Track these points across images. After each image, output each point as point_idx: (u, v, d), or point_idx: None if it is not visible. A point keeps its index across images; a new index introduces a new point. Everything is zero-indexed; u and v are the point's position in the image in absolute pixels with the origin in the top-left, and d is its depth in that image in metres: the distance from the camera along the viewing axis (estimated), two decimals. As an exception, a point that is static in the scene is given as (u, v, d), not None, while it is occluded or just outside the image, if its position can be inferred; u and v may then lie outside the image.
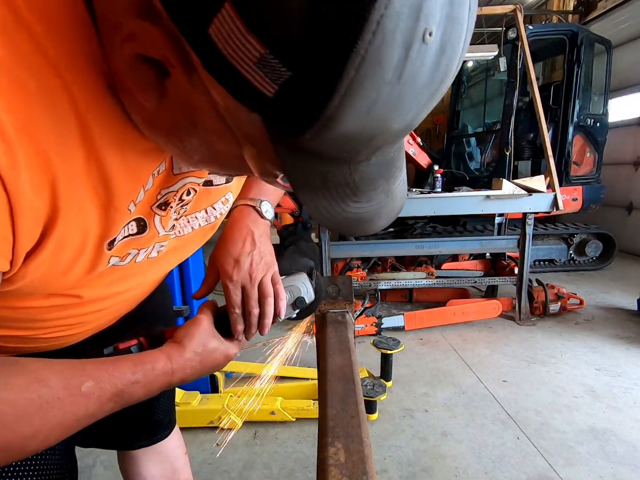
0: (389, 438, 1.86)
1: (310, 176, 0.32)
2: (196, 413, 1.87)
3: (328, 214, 0.34)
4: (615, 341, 2.80)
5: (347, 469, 0.40)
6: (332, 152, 0.30)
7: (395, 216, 0.40)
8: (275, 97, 0.26)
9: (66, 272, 0.42)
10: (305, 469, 1.66)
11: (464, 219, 4.48)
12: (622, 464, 1.68)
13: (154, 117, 0.34)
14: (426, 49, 0.24)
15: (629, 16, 5.27)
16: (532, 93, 3.19)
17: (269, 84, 0.25)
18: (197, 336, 0.53)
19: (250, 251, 0.61)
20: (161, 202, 0.47)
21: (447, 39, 0.25)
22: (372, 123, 0.27)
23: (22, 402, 0.36)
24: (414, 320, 3.01)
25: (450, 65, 0.27)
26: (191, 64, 0.28)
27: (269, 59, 0.24)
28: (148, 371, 0.47)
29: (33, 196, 0.32)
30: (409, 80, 0.25)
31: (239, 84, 0.26)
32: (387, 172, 0.35)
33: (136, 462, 0.90)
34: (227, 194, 0.61)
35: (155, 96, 0.31)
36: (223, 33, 0.24)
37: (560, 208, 2.84)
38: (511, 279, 3.18)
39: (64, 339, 0.61)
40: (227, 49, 0.24)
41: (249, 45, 0.24)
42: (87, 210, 0.38)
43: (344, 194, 0.33)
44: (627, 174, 5.48)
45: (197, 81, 0.29)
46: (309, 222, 4.09)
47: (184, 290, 2.12)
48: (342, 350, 0.66)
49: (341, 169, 0.32)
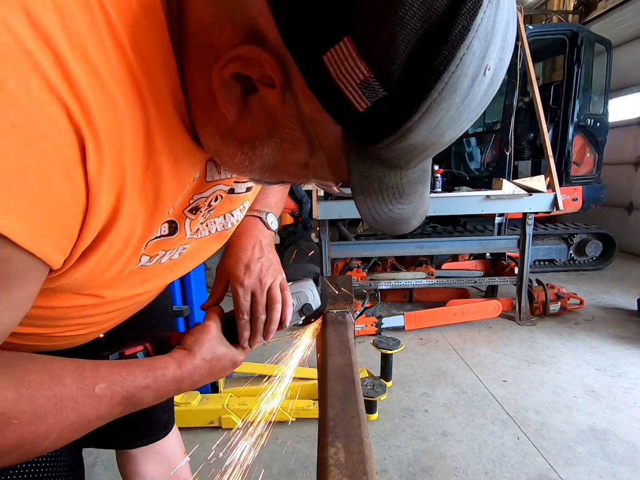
0: (389, 438, 1.86)
1: (369, 180, 0.37)
2: (196, 413, 1.87)
3: (377, 214, 0.39)
4: (615, 341, 2.80)
5: (347, 469, 0.40)
6: (394, 160, 0.36)
7: (424, 217, 0.45)
8: (365, 112, 0.31)
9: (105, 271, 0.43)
10: (305, 469, 1.66)
11: (464, 219, 4.48)
12: (622, 464, 1.68)
13: (232, 128, 0.38)
14: (484, 80, 0.31)
15: (629, 16, 5.28)
16: (532, 93, 3.19)
17: (364, 101, 0.30)
18: (206, 343, 0.54)
19: (260, 257, 0.64)
20: (193, 206, 0.49)
21: (496, 74, 0.32)
22: (434, 136, 0.33)
23: (40, 399, 0.36)
24: (414, 320, 3.01)
25: (494, 92, 0.34)
26: (289, 83, 0.32)
27: (371, 81, 0.29)
28: (159, 377, 0.48)
29: (105, 200, 0.34)
30: (468, 104, 0.32)
31: (337, 101, 0.31)
32: (424, 179, 0.42)
33: (135, 462, 0.91)
34: (245, 202, 0.63)
35: (238, 109, 0.36)
36: (336, 59, 0.29)
37: (560, 208, 2.84)
38: (511, 279, 3.18)
39: (77, 338, 0.61)
40: (336, 72, 0.29)
41: (358, 70, 0.29)
42: (137, 215, 0.39)
43: (393, 196, 0.39)
44: (627, 174, 5.48)
45: (289, 97, 0.33)
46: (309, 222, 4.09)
47: (184, 290, 2.13)
48: (342, 350, 0.66)
49: (394, 174, 0.37)
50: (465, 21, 0.28)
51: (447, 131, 0.34)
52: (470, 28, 0.28)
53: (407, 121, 0.31)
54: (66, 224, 0.33)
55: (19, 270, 0.32)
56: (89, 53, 0.30)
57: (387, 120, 0.31)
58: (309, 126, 0.35)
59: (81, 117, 0.30)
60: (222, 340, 0.57)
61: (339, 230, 4.02)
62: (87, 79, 0.30)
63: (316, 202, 2.73)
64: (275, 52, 0.31)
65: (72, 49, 0.29)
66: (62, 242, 0.34)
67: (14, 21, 0.26)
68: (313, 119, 0.34)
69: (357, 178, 0.37)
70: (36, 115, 0.28)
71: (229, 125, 0.38)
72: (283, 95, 0.33)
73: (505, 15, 0.30)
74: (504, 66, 0.33)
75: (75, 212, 0.33)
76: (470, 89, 0.31)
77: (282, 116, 0.35)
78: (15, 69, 0.26)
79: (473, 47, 0.29)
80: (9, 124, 0.27)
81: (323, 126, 0.34)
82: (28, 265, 0.32)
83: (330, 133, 0.34)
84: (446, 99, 0.30)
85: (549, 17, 6.61)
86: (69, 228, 0.33)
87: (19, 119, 0.27)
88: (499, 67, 0.32)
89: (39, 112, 0.28)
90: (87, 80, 0.30)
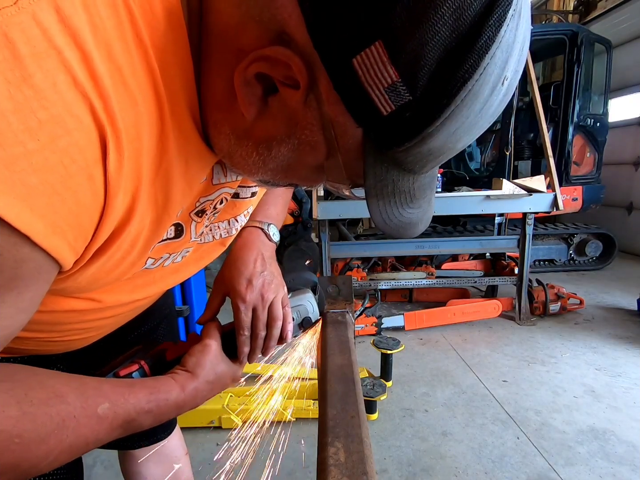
0: (389, 438, 1.86)
1: (384, 183, 0.37)
2: (196, 413, 1.87)
3: (387, 218, 0.40)
4: (615, 341, 2.80)
5: (347, 469, 0.40)
6: (410, 164, 0.36)
7: (429, 222, 0.46)
8: (388, 116, 0.31)
9: (110, 273, 0.42)
10: (305, 469, 1.66)
11: (464, 219, 4.48)
12: (622, 464, 1.68)
13: (249, 128, 0.38)
14: (501, 89, 0.32)
15: (629, 16, 5.27)
16: (532, 93, 3.18)
17: (389, 104, 0.31)
18: (208, 364, 0.53)
19: (262, 271, 0.61)
20: (199, 209, 0.49)
21: (511, 84, 0.33)
22: (451, 142, 0.34)
23: (42, 417, 0.35)
24: (414, 320, 3.01)
25: (506, 103, 0.35)
26: (314, 85, 0.33)
27: (398, 86, 0.30)
28: (161, 401, 0.46)
29: (121, 201, 0.34)
30: (485, 112, 0.33)
31: (362, 104, 0.31)
32: (433, 183, 0.43)
33: (137, 462, 0.91)
34: (249, 208, 0.63)
35: (257, 109, 0.36)
36: (367, 63, 0.29)
37: (560, 208, 2.83)
38: (511, 279, 3.18)
39: (74, 343, 0.61)
40: (365, 76, 0.30)
41: (387, 74, 0.29)
42: (146, 216, 0.39)
43: (404, 201, 0.40)
44: (627, 174, 5.48)
45: (311, 99, 0.34)
46: (309, 222, 4.09)
47: (184, 290, 2.13)
48: (342, 350, 0.66)
49: (407, 179, 0.38)
50: (491, 32, 0.29)
51: (463, 137, 0.35)
52: (495, 39, 0.29)
53: (429, 126, 0.32)
54: (83, 224, 0.33)
55: (33, 272, 0.31)
56: (114, 51, 0.30)
57: (410, 124, 0.32)
58: (329, 128, 0.35)
59: (104, 116, 0.30)
60: (223, 358, 0.56)
61: (339, 230, 4.02)
62: (111, 78, 0.30)
63: (316, 202, 2.73)
64: (302, 54, 0.32)
65: (98, 47, 0.29)
66: (77, 242, 0.33)
67: (44, 16, 0.26)
68: (335, 122, 0.34)
69: (372, 181, 0.37)
70: (61, 112, 0.28)
71: (246, 125, 0.38)
72: (306, 97, 0.34)
73: (523, 29, 0.31)
74: (518, 77, 0.34)
75: (93, 212, 0.33)
76: (489, 97, 0.32)
77: (302, 118, 0.35)
78: (43, 64, 0.26)
79: (496, 58, 0.30)
80: (35, 120, 0.26)
81: (344, 129, 0.34)
82: (41, 266, 0.32)
83: (351, 136, 0.35)
84: (467, 106, 0.31)
85: (549, 17, 6.60)
86: (85, 228, 0.33)
87: (45, 115, 0.27)
88: (514, 78, 0.33)
89: (64, 109, 0.28)
90: (111, 79, 0.30)
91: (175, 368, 0.52)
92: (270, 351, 0.62)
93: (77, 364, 0.68)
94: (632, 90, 5.41)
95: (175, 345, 0.59)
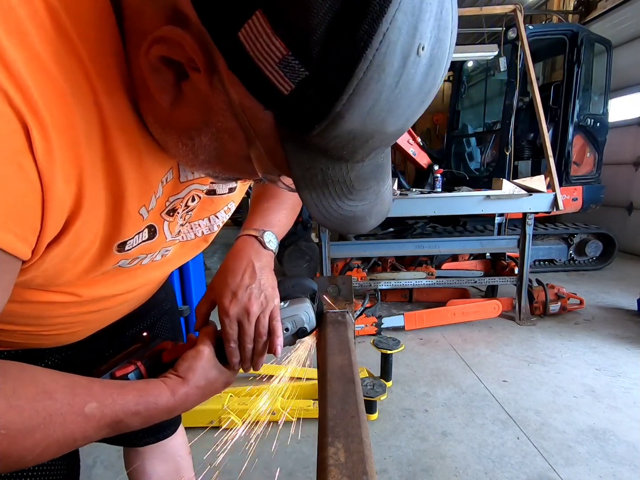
0: (389, 438, 1.86)
1: (312, 173, 0.35)
2: (196, 413, 1.87)
3: (325, 211, 0.37)
4: (615, 341, 2.80)
5: (347, 469, 0.40)
6: (334, 150, 0.33)
7: (384, 217, 0.44)
8: (291, 95, 0.29)
9: (76, 264, 0.42)
10: (305, 469, 1.66)
11: (464, 219, 4.48)
12: (622, 464, 1.68)
13: (168, 117, 0.37)
14: (419, 61, 0.29)
15: (629, 16, 5.27)
16: (532, 93, 3.19)
17: (287, 83, 0.28)
18: (200, 370, 0.53)
19: (249, 285, 0.59)
20: (169, 208, 0.49)
21: (434, 55, 0.30)
22: (371, 123, 0.31)
23: (29, 411, 0.36)
24: (414, 320, 3.01)
25: (436, 77, 0.32)
26: (214, 66, 0.31)
27: (290, 60, 0.28)
28: (150, 404, 0.47)
29: (64, 188, 0.34)
30: (404, 87, 0.30)
31: (259, 82, 0.29)
32: (378, 175, 0.39)
33: (141, 460, 0.91)
34: (230, 204, 0.62)
35: (171, 97, 0.35)
36: (251, 36, 0.27)
37: (560, 208, 2.83)
38: (511, 279, 3.18)
39: (62, 337, 0.61)
40: (253, 51, 0.28)
41: (274, 47, 0.27)
42: (100, 207, 0.39)
43: (341, 192, 0.37)
44: (627, 174, 5.48)
45: (217, 82, 0.32)
46: (309, 222, 4.09)
47: (184, 290, 2.13)
48: (342, 350, 0.66)
49: (339, 168, 0.35)
50: None
51: (387, 118, 0.31)
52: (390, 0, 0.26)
53: (335, 104, 0.29)
54: (25, 214, 0.32)
55: None
56: (30, 39, 0.29)
57: (315, 103, 0.29)
58: (240, 113, 0.33)
59: (23, 105, 0.29)
60: (215, 364, 0.55)
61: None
62: (27, 67, 0.29)
63: (316, 202, 2.73)
64: (197, 33, 0.30)
65: (9, 37, 0.28)
66: (25, 233, 0.33)
67: None
68: (243, 106, 0.32)
69: (299, 170, 0.35)
70: None
71: (165, 113, 0.36)
72: (211, 80, 0.32)
73: None
74: (445, 48, 0.31)
75: (32, 202, 0.32)
76: (402, 69, 0.29)
77: (214, 103, 0.33)
78: None
79: (398, 22, 0.27)
80: None
81: (254, 113, 0.32)
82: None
83: (262, 120, 0.32)
84: (374, 79, 0.28)
85: (549, 17, 6.60)
86: (29, 219, 0.33)
87: None
88: (437, 48, 0.30)
89: None
90: (28, 68, 0.29)
91: (168, 372, 0.52)
92: (259, 366, 0.61)
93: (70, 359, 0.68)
94: (632, 90, 5.41)
95: (174, 347, 0.59)
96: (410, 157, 4.08)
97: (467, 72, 5.32)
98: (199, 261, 2.18)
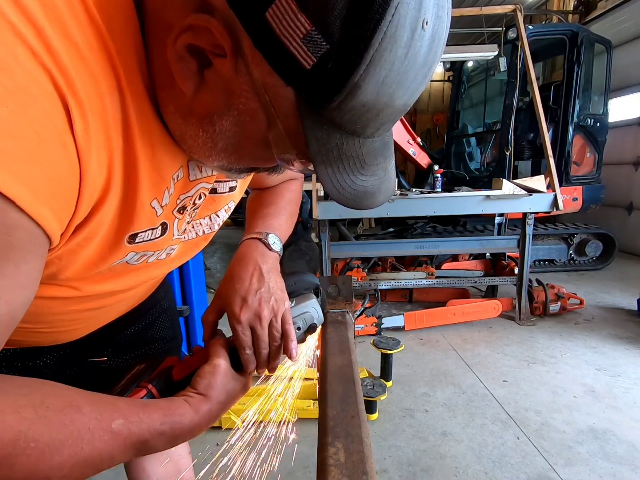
0: (389, 438, 1.86)
1: (328, 148, 0.37)
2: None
3: (340, 186, 0.40)
4: (615, 341, 2.80)
5: (347, 469, 0.40)
6: (349, 124, 0.36)
7: (391, 194, 0.46)
8: (312, 69, 0.32)
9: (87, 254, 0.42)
10: (305, 469, 1.66)
11: (464, 219, 4.48)
12: (622, 464, 1.68)
13: (190, 104, 0.38)
14: (424, 35, 0.32)
15: (629, 16, 5.27)
16: (532, 93, 3.18)
17: (310, 57, 0.31)
18: (219, 385, 0.52)
19: (258, 289, 0.59)
20: (180, 206, 0.50)
21: (435, 31, 0.33)
22: (383, 95, 0.34)
23: (57, 424, 0.34)
24: (414, 320, 3.01)
25: (437, 52, 0.35)
26: (240, 49, 0.33)
27: (313, 35, 0.30)
28: (176, 424, 0.45)
29: (97, 171, 0.35)
30: (412, 59, 0.33)
31: (284, 59, 0.32)
32: (386, 151, 0.42)
33: (141, 459, 0.91)
34: (230, 203, 0.62)
35: (194, 84, 0.37)
36: (278, 15, 0.30)
37: (560, 208, 2.83)
38: (511, 279, 3.18)
39: (64, 335, 0.62)
40: (279, 28, 0.30)
41: (299, 23, 0.30)
42: (118, 195, 0.39)
43: (354, 166, 0.39)
44: (627, 174, 5.47)
45: (240, 65, 0.34)
46: (309, 222, 4.09)
47: (184, 290, 2.13)
48: (342, 350, 0.66)
49: (352, 142, 0.38)
50: None
51: (397, 91, 0.34)
52: None
53: (353, 74, 0.32)
54: (64, 193, 0.33)
55: (26, 242, 0.32)
56: (68, 28, 0.31)
57: (334, 75, 0.32)
58: (262, 93, 0.35)
59: (65, 86, 0.30)
60: (233, 375, 0.54)
61: (339, 230, 4.02)
62: (67, 53, 0.31)
63: (316, 202, 2.73)
64: (223, 18, 0.32)
65: (51, 24, 0.30)
66: (61, 212, 0.34)
67: None
68: (265, 84, 0.34)
69: (316, 146, 0.37)
70: (26, 81, 0.28)
71: (187, 101, 0.38)
72: (235, 63, 0.34)
73: None
74: (444, 25, 0.34)
75: (71, 181, 0.33)
76: (410, 41, 0.32)
77: (237, 86, 0.35)
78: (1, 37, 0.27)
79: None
80: (2, 89, 0.27)
81: (276, 90, 0.34)
82: (33, 236, 0.32)
83: (284, 98, 0.35)
84: (388, 49, 0.31)
85: (549, 17, 6.61)
86: (67, 198, 0.34)
87: (11, 84, 0.28)
88: (438, 25, 0.33)
89: (28, 78, 0.29)
90: (67, 54, 0.31)
91: (187, 390, 0.50)
92: (276, 368, 0.60)
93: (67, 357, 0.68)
94: (632, 90, 5.41)
95: (181, 363, 0.57)
96: (410, 157, 4.09)
97: (467, 72, 5.32)
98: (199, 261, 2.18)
